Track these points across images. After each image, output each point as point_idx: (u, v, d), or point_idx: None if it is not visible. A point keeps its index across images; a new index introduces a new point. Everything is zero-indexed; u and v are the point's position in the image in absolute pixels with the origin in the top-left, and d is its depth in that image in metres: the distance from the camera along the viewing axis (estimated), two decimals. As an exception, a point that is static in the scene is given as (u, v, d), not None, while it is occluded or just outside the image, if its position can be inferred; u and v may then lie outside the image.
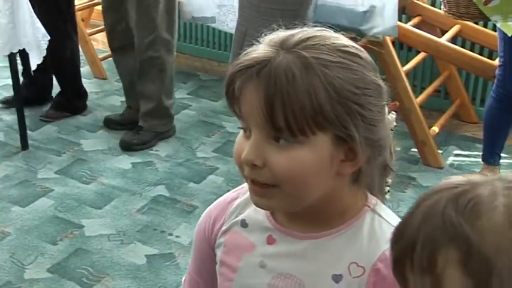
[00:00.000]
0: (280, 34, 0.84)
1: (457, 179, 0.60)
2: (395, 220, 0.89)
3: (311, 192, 0.84)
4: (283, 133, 0.80)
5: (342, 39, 0.84)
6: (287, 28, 0.86)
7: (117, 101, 3.58)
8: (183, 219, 2.58)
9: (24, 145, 3.06)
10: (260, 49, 0.82)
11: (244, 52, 0.83)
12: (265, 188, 0.83)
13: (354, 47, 0.84)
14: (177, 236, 2.48)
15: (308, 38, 0.82)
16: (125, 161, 2.99)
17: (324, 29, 0.86)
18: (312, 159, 0.81)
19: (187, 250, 2.41)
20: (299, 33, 0.83)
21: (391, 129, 0.90)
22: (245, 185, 0.96)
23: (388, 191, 0.95)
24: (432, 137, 2.98)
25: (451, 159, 3.07)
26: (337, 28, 0.89)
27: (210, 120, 3.40)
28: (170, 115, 3.20)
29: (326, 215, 0.88)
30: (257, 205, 0.87)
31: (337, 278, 0.87)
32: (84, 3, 4.15)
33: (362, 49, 0.85)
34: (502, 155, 2.93)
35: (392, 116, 0.90)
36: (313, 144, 0.80)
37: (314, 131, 0.80)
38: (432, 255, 0.54)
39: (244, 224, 0.95)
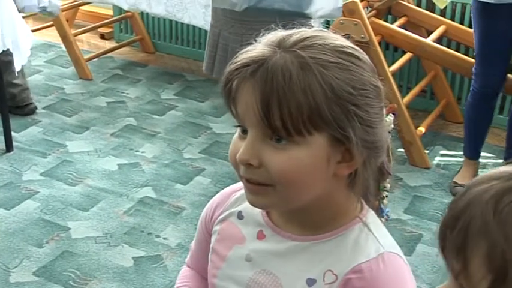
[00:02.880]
0: (278, 34, 0.83)
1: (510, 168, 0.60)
2: (383, 235, 0.88)
3: (306, 192, 0.83)
4: (279, 133, 0.79)
5: (339, 40, 0.83)
6: (285, 29, 0.85)
7: (102, 102, 3.56)
8: (171, 221, 2.56)
9: (9, 147, 3.03)
10: (258, 48, 0.82)
11: (242, 51, 0.83)
12: (260, 187, 0.83)
13: (352, 47, 0.83)
14: (164, 238, 2.47)
15: (306, 38, 0.81)
16: (111, 163, 2.97)
17: (322, 29, 0.85)
18: (308, 160, 0.80)
19: (175, 252, 2.40)
20: (297, 33, 0.82)
21: (389, 132, 0.89)
22: None
23: (386, 196, 0.94)
24: (419, 137, 2.99)
25: (437, 159, 3.08)
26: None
27: (197, 121, 3.39)
28: None
29: (317, 219, 0.88)
30: (252, 204, 0.87)
31: (310, 282, 0.87)
32: (69, 3, 4.12)
33: (360, 50, 0.84)
34: (486, 154, 2.96)
35: (390, 118, 0.89)
36: (309, 144, 0.80)
37: (310, 131, 0.79)
38: (465, 239, 0.57)
39: (240, 215, 0.95)
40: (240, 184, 0.97)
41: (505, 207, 0.56)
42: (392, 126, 0.89)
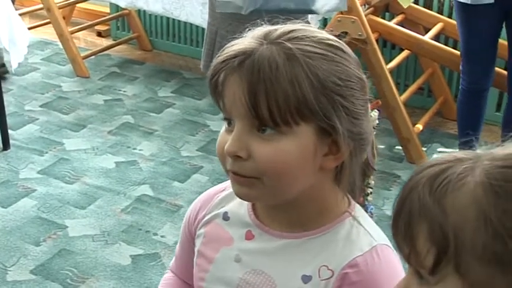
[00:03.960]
0: (264, 28, 0.85)
1: (447, 155, 0.66)
2: (372, 227, 0.89)
3: (293, 185, 0.83)
4: (267, 123, 0.80)
5: (324, 33, 0.85)
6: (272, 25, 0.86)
7: (99, 100, 3.56)
8: (168, 219, 2.56)
9: (6, 145, 3.03)
10: (244, 41, 0.83)
11: (228, 45, 0.84)
12: (246, 179, 0.83)
13: (337, 41, 0.85)
14: (162, 236, 2.47)
15: (291, 31, 0.83)
16: (108, 161, 2.96)
17: (307, 24, 0.86)
18: (295, 150, 0.81)
19: (173, 250, 2.39)
20: (282, 27, 0.84)
21: (374, 128, 0.91)
22: None
23: (371, 193, 0.95)
24: (416, 134, 2.99)
25: (435, 156, 3.08)
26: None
27: (194, 118, 3.39)
28: None
29: (305, 214, 0.88)
30: (238, 195, 0.87)
31: (306, 279, 0.87)
32: (65, 1, 4.11)
33: (344, 44, 0.85)
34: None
35: (374, 113, 0.90)
36: (296, 135, 0.80)
37: (297, 121, 0.80)
38: (409, 223, 0.63)
39: (226, 216, 0.95)
40: (223, 185, 0.98)
41: (437, 187, 0.61)
42: (377, 122, 0.90)
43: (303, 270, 0.87)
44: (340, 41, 0.85)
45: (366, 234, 0.87)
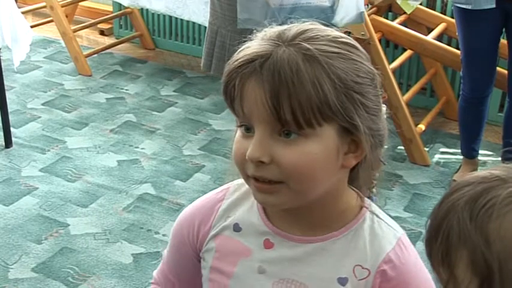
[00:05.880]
0: (273, 29, 0.83)
1: (484, 173, 0.61)
2: (390, 219, 0.90)
3: (317, 186, 0.82)
4: (290, 126, 0.78)
5: (334, 31, 0.84)
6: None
7: (102, 98, 3.56)
8: (170, 218, 2.56)
9: (8, 142, 3.03)
10: (257, 44, 0.81)
11: (239, 49, 0.82)
12: (271, 186, 0.81)
13: (348, 38, 0.84)
14: (163, 235, 2.47)
15: (305, 31, 0.81)
16: (111, 159, 2.96)
17: (314, 22, 0.85)
18: (319, 152, 0.80)
19: (174, 249, 2.39)
20: (294, 27, 0.82)
21: None
22: (230, 186, 0.94)
23: (375, 184, 0.94)
24: (418, 134, 2.98)
25: (437, 156, 3.08)
26: None
27: (196, 117, 3.38)
28: None
29: (326, 216, 0.87)
30: (262, 203, 0.86)
31: (342, 281, 0.86)
32: (69, -1, 4.11)
33: (354, 40, 0.85)
34: (485, 152, 2.96)
35: (383, 108, 0.90)
36: (319, 136, 0.79)
37: (320, 123, 0.79)
38: (448, 249, 0.59)
39: (237, 228, 0.92)
40: (219, 194, 0.95)
41: (479, 211, 0.57)
42: (385, 116, 0.89)
43: (337, 272, 0.86)
44: (350, 38, 0.84)
45: (388, 227, 0.88)
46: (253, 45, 0.81)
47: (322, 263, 0.86)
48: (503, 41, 2.72)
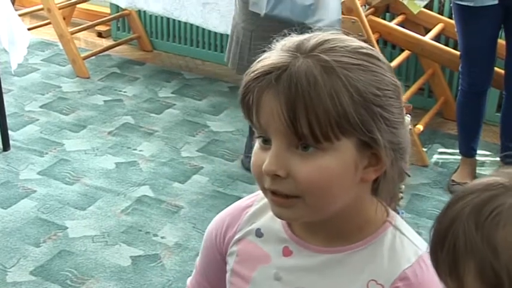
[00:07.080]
0: (293, 39, 0.81)
1: (487, 180, 0.60)
2: (414, 236, 0.87)
3: (336, 201, 0.81)
4: (307, 140, 0.77)
5: (356, 41, 0.82)
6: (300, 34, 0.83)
7: (100, 100, 3.55)
8: (168, 220, 2.56)
9: (6, 145, 3.02)
10: (275, 55, 0.79)
11: (257, 60, 0.80)
12: (287, 200, 0.80)
13: (370, 48, 0.82)
14: (162, 237, 2.46)
15: (324, 41, 0.79)
16: (109, 161, 2.96)
17: (336, 32, 0.83)
18: (337, 167, 0.78)
19: (173, 251, 2.39)
20: (314, 37, 0.80)
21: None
22: (260, 192, 0.93)
23: (402, 198, 0.92)
24: (417, 135, 2.98)
25: (435, 157, 3.08)
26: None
27: (194, 119, 3.38)
28: None
29: (346, 228, 0.85)
30: (279, 217, 0.84)
31: None
32: (66, 1, 4.11)
33: (378, 51, 0.83)
34: (483, 152, 2.96)
35: (407, 118, 0.87)
36: (337, 150, 0.77)
37: (338, 136, 0.77)
38: (455, 259, 0.58)
39: (259, 233, 0.91)
40: (250, 200, 0.95)
41: (485, 220, 0.56)
42: (410, 127, 0.87)
43: (350, 286, 0.84)
44: (372, 48, 0.82)
45: (410, 244, 0.85)
46: (272, 56, 0.79)
47: (338, 275, 0.85)
48: (501, 41, 2.72)
